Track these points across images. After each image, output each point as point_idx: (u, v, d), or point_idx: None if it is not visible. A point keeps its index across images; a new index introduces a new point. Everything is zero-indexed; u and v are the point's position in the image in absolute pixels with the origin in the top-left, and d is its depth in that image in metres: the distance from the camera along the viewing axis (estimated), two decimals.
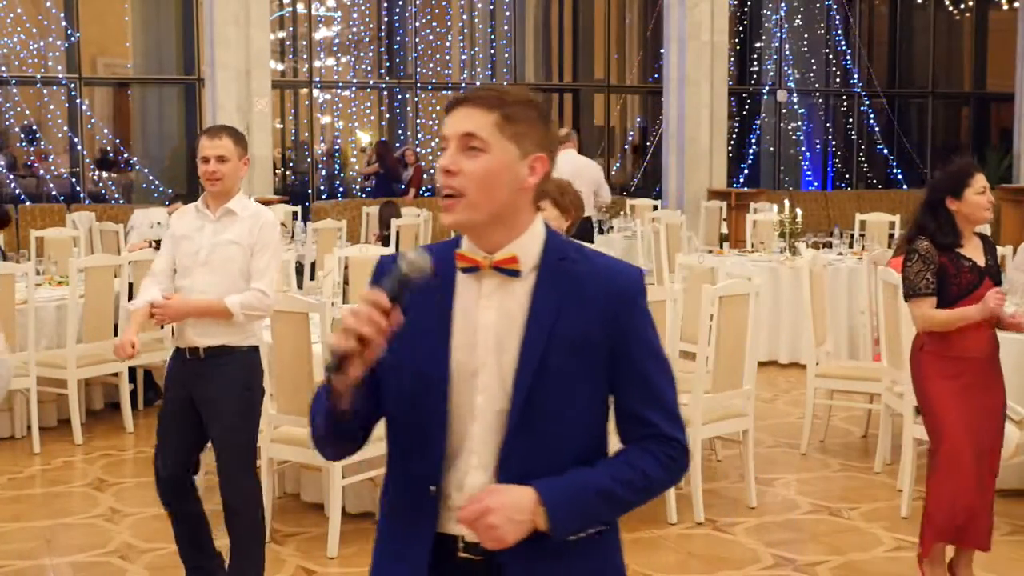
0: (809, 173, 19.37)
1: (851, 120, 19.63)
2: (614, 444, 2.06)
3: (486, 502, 1.87)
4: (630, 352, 1.98)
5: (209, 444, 4.36)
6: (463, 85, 18.04)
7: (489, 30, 18.31)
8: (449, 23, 18.52)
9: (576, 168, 9.15)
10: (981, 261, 4.28)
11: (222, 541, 4.32)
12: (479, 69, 18.53)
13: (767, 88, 18.94)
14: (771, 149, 19.25)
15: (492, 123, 1.93)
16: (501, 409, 1.95)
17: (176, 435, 4.26)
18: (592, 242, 9.56)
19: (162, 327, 4.31)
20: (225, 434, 4.20)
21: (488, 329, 1.96)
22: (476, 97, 1.96)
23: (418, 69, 17.66)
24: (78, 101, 15.37)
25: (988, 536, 4.40)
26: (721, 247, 10.58)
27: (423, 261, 1.87)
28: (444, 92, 18.27)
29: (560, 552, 1.95)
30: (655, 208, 14.33)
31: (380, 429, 2.09)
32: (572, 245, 2.03)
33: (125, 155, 16.38)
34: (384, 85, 18.37)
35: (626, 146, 19.22)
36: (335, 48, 18.31)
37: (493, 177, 1.93)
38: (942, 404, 4.27)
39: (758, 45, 19.14)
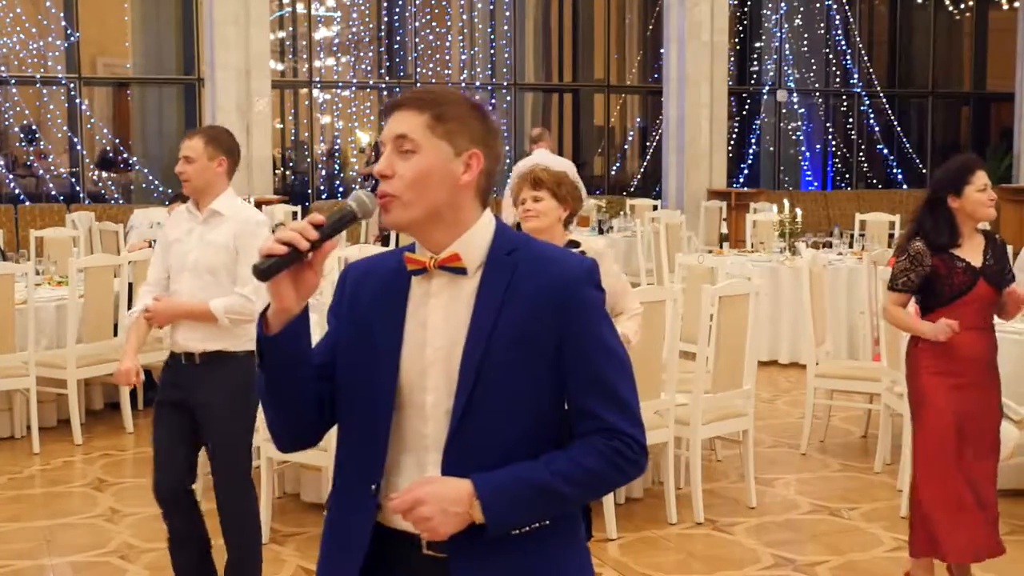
0: (809, 173, 19.37)
1: (851, 120, 19.62)
2: None
3: (416, 492, 1.88)
4: (577, 345, 1.95)
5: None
6: (463, 85, 18.05)
7: (489, 30, 18.31)
8: (449, 23, 18.52)
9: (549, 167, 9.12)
10: (977, 261, 4.24)
11: (217, 540, 4.31)
12: (479, 69, 18.53)
13: (767, 88, 18.94)
14: (771, 149, 19.25)
15: (423, 124, 1.95)
16: (449, 407, 1.95)
17: (172, 447, 4.13)
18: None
19: (160, 327, 4.23)
20: (224, 440, 4.13)
21: (436, 328, 1.97)
22: (408, 100, 1.99)
23: (418, 69, 17.66)
24: (78, 101, 15.37)
25: (998, 542, 4.34)
26: (721, 247, 10.58)
27: (369, 201, 1.95)
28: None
29: (510, 550, 1.95)
30: (655, 208, 14.33)
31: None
32: (522, 239, 2.03)
33: (125, 155, 16.37)
34: (384, 85, 18.36)
35: (626, 146, 19.22)
36: (335, 48, 18.31)
37: (424, 176, 1.94)
38: (934, 398, 4.24)
39: (758, 45, 19.14)
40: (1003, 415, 5.05)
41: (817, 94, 19.61)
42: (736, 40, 18.48)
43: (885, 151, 19.58)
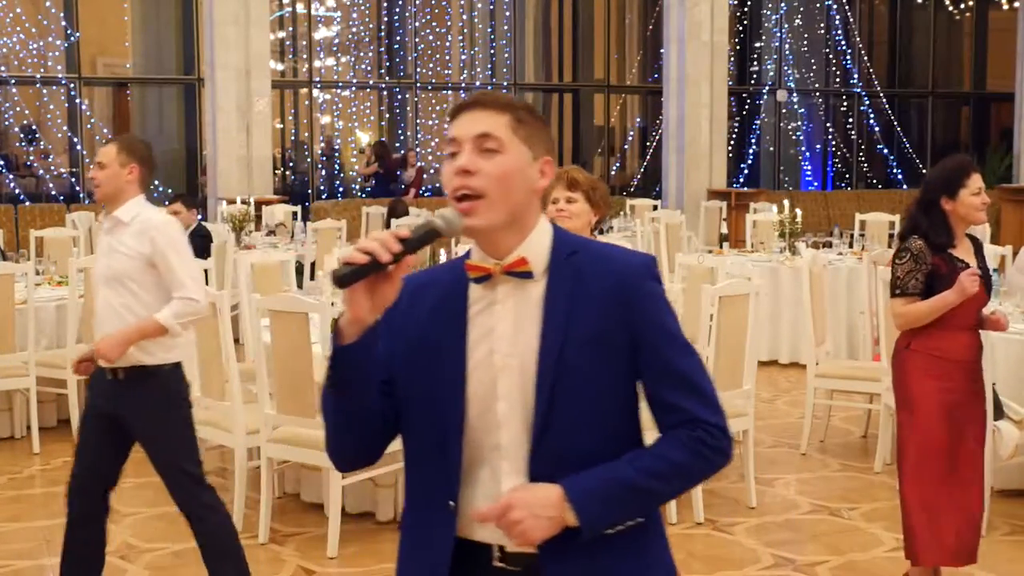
0: (809, 173, 19.38)
1: (851, 120, 19.63)
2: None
3: (506, 498, 1.86)
4: (647, 339, 1.95)
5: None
6: (463, 85, 18.05)
7: (489, 30, 18.31)
8: (449, 23, 18.53)
9: None
10: (973, 263, 4.22)
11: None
12: (479, 69, 18.54)
13: (767, 88, 18.94)
14: (771, 149, 19.26)
15: (506, 124, 1.93)
16: (526, 413, 1.93)
17: (95, 444, 4.09)
18: None
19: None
20: (160, 456, 4.08)
21: (504, 335, 1.94)
22: (488, 100, 1.96)
23: (418, 69, 17.67)
24: (78, 101, 15.37)
25: (975, 549, 4.29)
26: (721, 247, 10.59)
27: (456, 220, 1.90)
28: (444, 92, 18.28)
29: (602, 552, 1.93)
30: (655, 208, 14.33)
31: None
32: (579, 240, 2.02)
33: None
34: (384, 85, 18.37)
35: (626, 146, 19.22)
36: (335, 48, 18.32)
37: (510, 177, 1.92)
38: (925, 402, 4.19)
39: (758, 45, 19.15)
40: (1003, 415, 5.06)
41: (817, 94, 19.62)
42: (736, 40, 18.49)
43: (885, 151, 19.59)
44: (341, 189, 17.61)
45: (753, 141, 18.89)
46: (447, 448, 1.94)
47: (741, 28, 18.86)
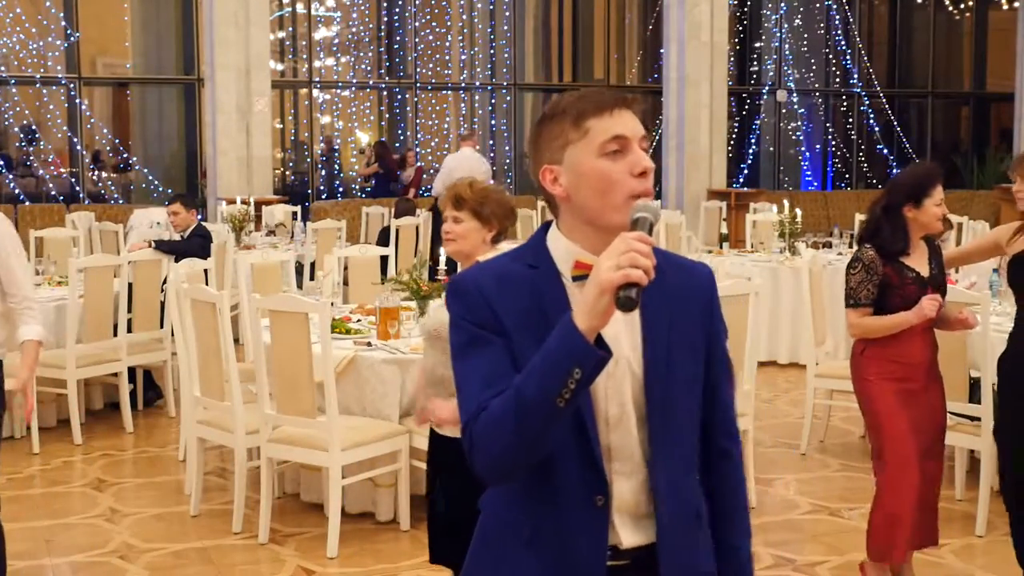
0: (809, 173, 19.39)
1: (851, 120, 19.64)
2: None
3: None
4: (719, 340, 2.05)
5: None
6: (463, 85, 18.05)
7: (489, 30, 18.31)
8: (449, 23, 18.53)
9: (471, 166, 11.69)
10: (925, 271, 4.25)
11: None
12: (479, 69, 18.54)
13: (767, 88, 18.94)
14: (771, 149, 19.26)
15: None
16: (637, 415, 1.93)
17: None
18: None
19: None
20: None
21: (610, 337, 1.87)
22: (633, 102, 1.95)
23: (418, 69, 17.67)
24: (78, 101, 15.37)
25: (936, 532, 4.44)
26: (721, 247, 10.58)
27: (656, 208, 1.86)
28: (444, 92, 18.27)
29: (697, 537, 2.05)
30: None
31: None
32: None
33: (124, 155, 16.38)
34: (384, 85, 18.37)
35: None
36: (335, 48, 18.32)
37: None
38: (886, 404, 4.26)
39: (758, 45, 19.15)
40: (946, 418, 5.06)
41: (817, 94, 19.62)
42: (736, 40, 18.49)
43: (885, 151, 19.59)
44: (341, 189, 17.61)
45: (753, 141, 18.90)
46: (589, 444, 1.90)
47: (741, 28, 18.86)
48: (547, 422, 1.79)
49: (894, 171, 19.57)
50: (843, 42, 19.36)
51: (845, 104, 19.66)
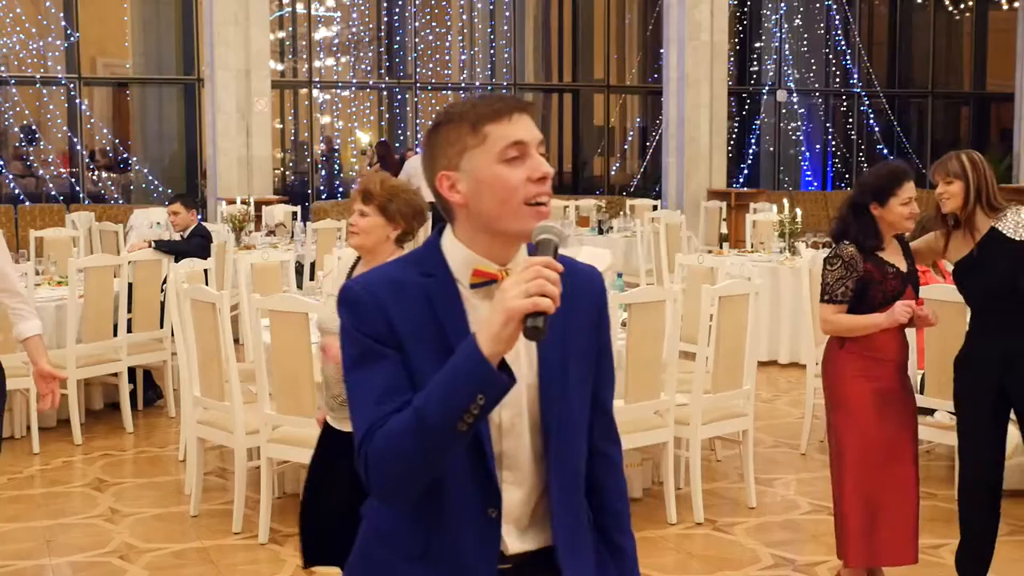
0: (809, 173, 19.39)
1: (851, 120, 19.64)
2: None
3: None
4: (607, 346, 2.04)
5: None
6: (463, 85, 18.05)
7: (489, 30, 18.32)
8: (449, 23, 18.53)
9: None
10: (903, 266, 4.25)
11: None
12: (479, 69, 18.54)
13: (767, 88, 18.94)
14: (771, 149, 19.27)
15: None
16: (531, 422, 1.92)
17: None
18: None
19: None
20: None
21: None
22: (529, 107, 1.93)
23: (418, 69, 17.67)
24: (77, 101, 15.38)
25: (914, 548, 4.33)
26: (721, 247, 10.58)
27: (562, 226, 1.86)
28: (444, 92, 18.27)
29: (589, 541, 2.04)
30: (655, 208, 14.33)
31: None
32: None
33: (124, 155, 16.38)
34: (384, 85, 18.37)
35: (626, 146, 19.23)
36: (335, 48, 18.32)
37: None
38: (861, 402, 4.25)
39: (758, 45, 19.15)
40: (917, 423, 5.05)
41: (817, 94, 19.62)
42: (736, 40, 18.50)
43: (885, 151, 19.59)
44: (341, 189, 17.61)
45: (753, 141, 18.90)
46: (483, 455, 1.88)
47: (741, 28, 18.87)
48: (447, 445, 1.78)
49: None
50: (843, 42, 19.36)
51: (845, 104, 19.66)
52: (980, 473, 4.37)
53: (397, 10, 17.73)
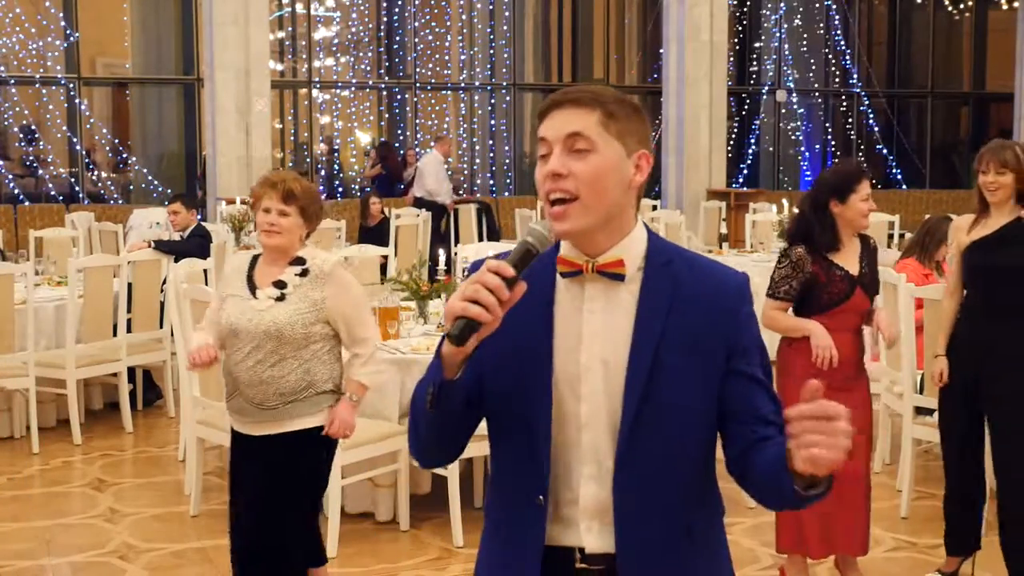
0: (808, 173, 19.38)
1: (850, 120, 19.64)
2: None
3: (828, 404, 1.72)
4: (747, 354, 1.92)
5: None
6: (463, 85, 18.05)
7: (488, 30, 18.31)
8: (448, 23, 18.53)
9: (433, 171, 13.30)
10: (855, 269, 4.29)
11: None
12: (478, 69, 18.54)
13: (766, 88, 18.94)
14: (770, 149, 19.27)
15: (596, 121, 1.86)
16: (611, 418, 1.88)
17: None
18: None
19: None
20: None
21: (593, 336, 1.89)
22: (574, 98, 1.87)
23: (417, 69, 17.67)
24: (77, 101, 15.37)
25: (864, 541, 4.41)
26: (720, 247, 10.59)
27: (545, 231, 1.81)
28: (443, 92, 18.27)
29: (677, 551, 1.92)
30: (654, 208, 14.34)
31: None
32: (675, 248, 1.97)
33: (124, 155, 16.38)
34: (383, 85, 18.36)
35: None
36: (334, 48, 18.31)
37: (604, 177, 1.85)
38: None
39: (757, 45, 19.15)
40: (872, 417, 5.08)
41: (817, 94, 19.62)
42: (736, 40, 18.50)
43: (884, 151, 19.59)
44: (341, 189, 17.60)
45: (753, 141, 18.90)
46: (535, 446, 1.89)
47: (741, 28, 18.86)
48: (430, 422, 1.88)
49: (894, 171, 19.58)
50: (843, 42, 19.36)
51: (845, 104, 19.66)
52: (953, 484, 4.55)
53: (397, 10, 17.72)
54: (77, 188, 15.45)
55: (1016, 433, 4.32)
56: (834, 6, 19.18)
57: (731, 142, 17.69)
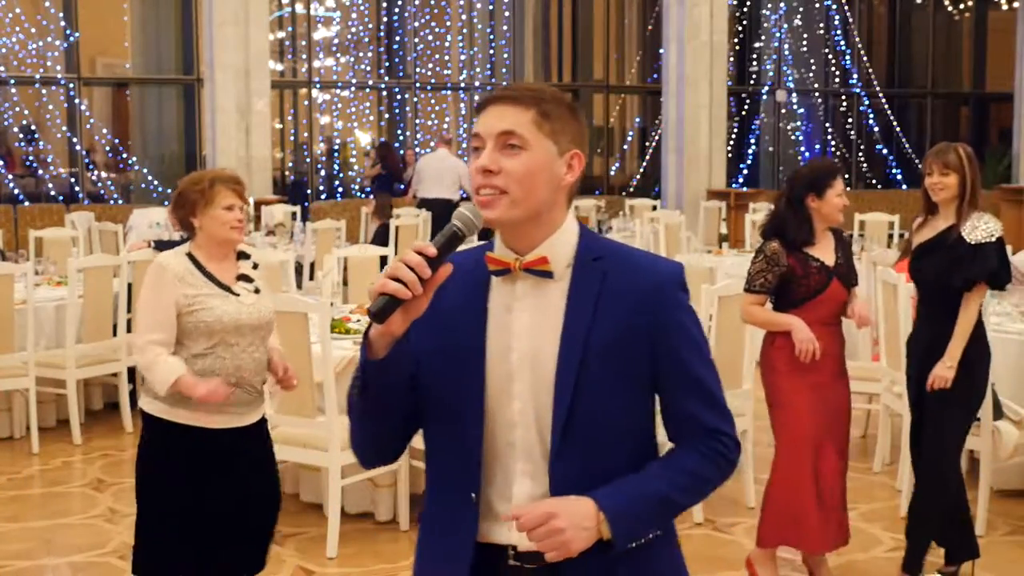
0: None
1: (850, 120, 19.63)
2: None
3: (549, 506, 1.83)
4: (673, 348, 1.94)
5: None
6: (463, 85, 18.05)
7: (488, 30, 18.31)
8: (448, 23, 18.52)
9: (440, 168, 12.85)
10: (830, 261, 4.38)
11: None
12: (478, 69, 18.53)
13: (766, 88, 18.94)
14: (770, 149, 19.26)
15: (530, 120, 1.89)
16: (542, 415, 1.90)
17: None
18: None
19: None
20: None
21: (523, 334, 1.91)
22: (511, 95, 1.91)
23: (417, 69, 17.66)
24: (77, 101, 15.37)
25: (845, 535, 4.51)
26: (720, 247, 10.59)
27: (474, 217, 1.85)
28: (443, 92, 18.27)
29: (617, 557, 1.91)
30: (654, 208, 14.33)
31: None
32: (607, 244, 1.99)
33: (124, 155, 16.37)
34: (383, 85, 18.36)
35: (625, 146, 19.22)
36: (334, 48, 18.31)
37: (534, 175, 1.88)
38: (794, 399, 4.39)
39: (757, 45, 19.15)
40: (1002, 415, 5.06)
41: (816, 94, 19.62)
42: (736, 40, 18.49)
43: (884, 151, 19.59)
44: (340, 189, 17.60)
45: (752, 141, 18.89)
46: (467, 442, 1.92)
47: (741, 28, 18.86)
48: (362, 409, 1.93)
49: (894, 171, 19.58)
50: (843, 42, 19.36)
51: (845, 104, 19.66)
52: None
53: (397, 10, 17.72)
54: (77, 188, 15.45)
55: (932, 414, 4.45)
56: (834, 6, 19.17)
57: (731, 142, 17.69)
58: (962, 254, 4.29)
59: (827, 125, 19.64)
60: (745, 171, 18.66)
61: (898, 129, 19.57)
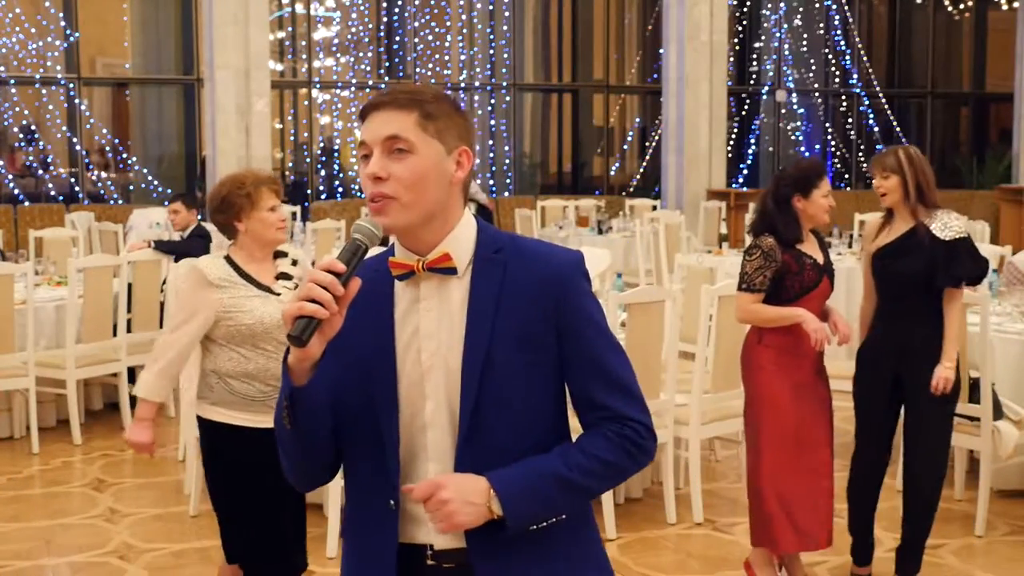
0: None
1: (850, 120, 19.64)
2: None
3: (438, 480, 1.85)
4: (576, 335, 1.93)
5: None
6: (463, 85, 18.06)
7: (488, 30, 18.31)
8: (448, 23, 18.52)
9: None
10: (821, 258, 4.39)
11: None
12: (478, 69, 18.54)
13: (766, 88, 18.94)
14: (770, 149, 19.26)
15: (413, 123, 1.89)
16: (452, 415, 1.91)
17: None
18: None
19: None
20: None
21: (430, 334, 1.92)
22: (392, 100, 1.91)
23: (417, 69, 17.67)
24: (77, 101, 15.37)
25: (828, 534, 4.49)
26: (720, 247, 10.58)
27: (374, 228, 1.86)
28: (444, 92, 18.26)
29: (531, 550, 1.93)
30: (654, 208, 14.34)
31: None
32: (505, 236, 1.99)
33: (124, 155, 16.38)
34: (383, 85, 18.36)
35: (625, 146, 19.23)
36: (334, 48, 18.31)
37: (423, 178, 1.88)
38: (778, 397, 4.38)
39: (757, 45, 19.15)
40: (1002, 415, 5.06)
41: (816, 94, 19.62)
42: (736, 40, 18.50)
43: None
44: (340, 189, 17.61)
45: (752, 141, 18.90)
46: (384, 450, 1.93)
47: (741, 28, 18.86)
48: (292, 438, 1.91)
49: None
50: (843, 42, 19.36)
51: (845, 104, 19.66)
52: (862, 469, 4.65)
53: (397, 10, 17.72)
54: (77, 188, 15.45)
55: (929, 412, 4.45)
56: (834, 6, 19.18)
57: (731, 142, 17.69)
58: (940, 253, 4.29)
59: (827, 125, 19.65)
60: (745, 171, 18.67)
61: (898, 129, 19.58)
